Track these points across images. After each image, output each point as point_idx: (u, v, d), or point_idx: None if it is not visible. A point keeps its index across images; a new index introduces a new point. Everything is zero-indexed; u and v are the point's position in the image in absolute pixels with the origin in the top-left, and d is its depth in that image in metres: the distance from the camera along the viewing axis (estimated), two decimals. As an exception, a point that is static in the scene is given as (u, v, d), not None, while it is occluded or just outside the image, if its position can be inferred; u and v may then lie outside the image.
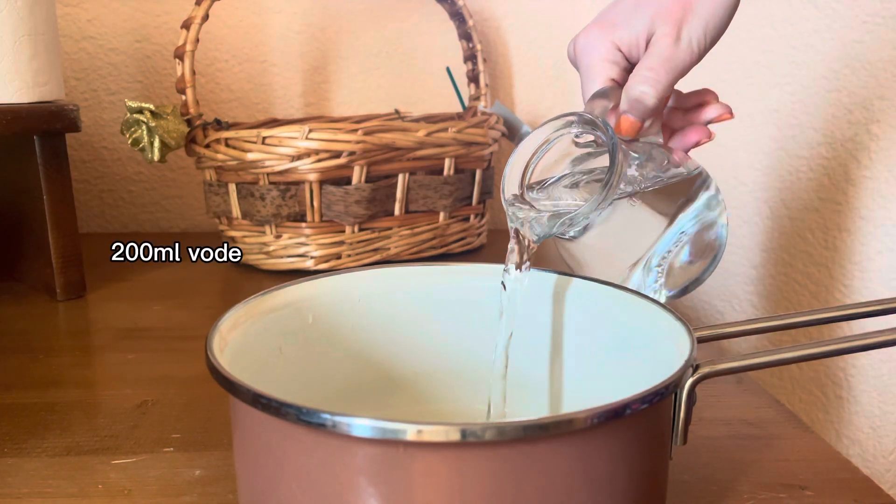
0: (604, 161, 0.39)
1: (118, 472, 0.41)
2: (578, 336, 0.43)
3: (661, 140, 0.44)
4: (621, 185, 0.39)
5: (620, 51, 0.41)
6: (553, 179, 0.42)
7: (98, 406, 0.49)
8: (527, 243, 0.39)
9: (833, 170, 0.66)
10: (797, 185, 0.70)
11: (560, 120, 0.39)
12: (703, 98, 0.45)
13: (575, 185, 0.42)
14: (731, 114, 0.44)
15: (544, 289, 0.44)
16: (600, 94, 0.41)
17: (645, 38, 0.40)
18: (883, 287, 0.62)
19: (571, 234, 0.41)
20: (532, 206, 0.40)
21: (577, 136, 0.40)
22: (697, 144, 0.44)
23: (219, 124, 0.75)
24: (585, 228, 0.41)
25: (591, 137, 0.40)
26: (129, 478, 0.41)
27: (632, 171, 0.40)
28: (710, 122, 0.44)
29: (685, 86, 0.44)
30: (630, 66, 0.42)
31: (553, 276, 0.44)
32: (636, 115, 0.40)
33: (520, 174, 0.41)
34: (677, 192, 0.42)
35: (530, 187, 0.41)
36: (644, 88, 0.39)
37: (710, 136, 0.44)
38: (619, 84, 0.41)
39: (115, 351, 0.59)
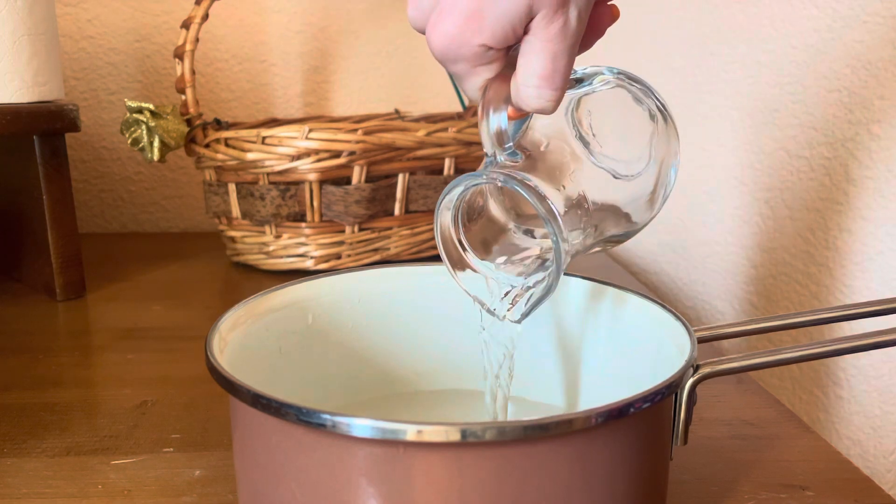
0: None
1: (118, 472, 0.41)
2: (578, 336, 0.43)
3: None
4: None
5: (493, 48, 0.33)
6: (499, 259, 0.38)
7: (98, 406, 0.49)
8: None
9: (834, 170, 0.66)
10: (798, 185, 0.70)
11: (462, 185, 0.34)
12: None
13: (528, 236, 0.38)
14: None
15: (544, 289, 0.44)
16: (492, 100, 0.34)
17: (522, 24, 0.32)
18: (883, 287, 0.62)
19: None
20: (501, 292, 0.37)
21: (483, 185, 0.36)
22: (611, 23, 0.36)
23: (218, 124, 0.75)
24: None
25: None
26: (129, 478, 0.40)
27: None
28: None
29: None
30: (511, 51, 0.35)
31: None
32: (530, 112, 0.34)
33: (461, 256, 0.37)
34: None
35: (479, 264, 0.37)
36: (540, 104, 0.33)
37: (616, 15, 0.36)
38: (504, 68, 0.35)
39: (114, 351, 0.59)
